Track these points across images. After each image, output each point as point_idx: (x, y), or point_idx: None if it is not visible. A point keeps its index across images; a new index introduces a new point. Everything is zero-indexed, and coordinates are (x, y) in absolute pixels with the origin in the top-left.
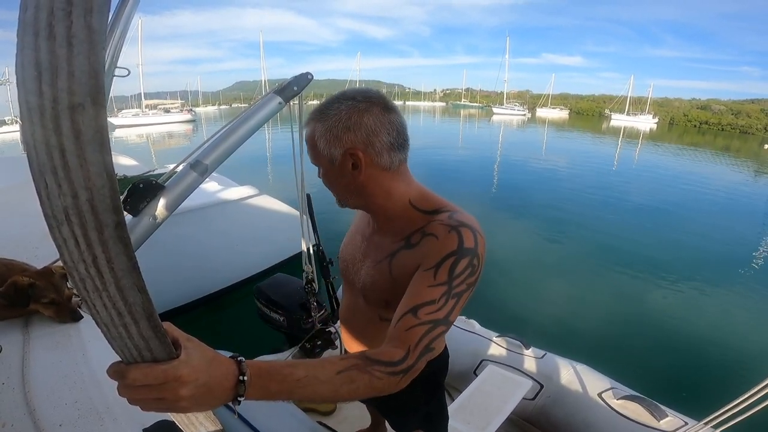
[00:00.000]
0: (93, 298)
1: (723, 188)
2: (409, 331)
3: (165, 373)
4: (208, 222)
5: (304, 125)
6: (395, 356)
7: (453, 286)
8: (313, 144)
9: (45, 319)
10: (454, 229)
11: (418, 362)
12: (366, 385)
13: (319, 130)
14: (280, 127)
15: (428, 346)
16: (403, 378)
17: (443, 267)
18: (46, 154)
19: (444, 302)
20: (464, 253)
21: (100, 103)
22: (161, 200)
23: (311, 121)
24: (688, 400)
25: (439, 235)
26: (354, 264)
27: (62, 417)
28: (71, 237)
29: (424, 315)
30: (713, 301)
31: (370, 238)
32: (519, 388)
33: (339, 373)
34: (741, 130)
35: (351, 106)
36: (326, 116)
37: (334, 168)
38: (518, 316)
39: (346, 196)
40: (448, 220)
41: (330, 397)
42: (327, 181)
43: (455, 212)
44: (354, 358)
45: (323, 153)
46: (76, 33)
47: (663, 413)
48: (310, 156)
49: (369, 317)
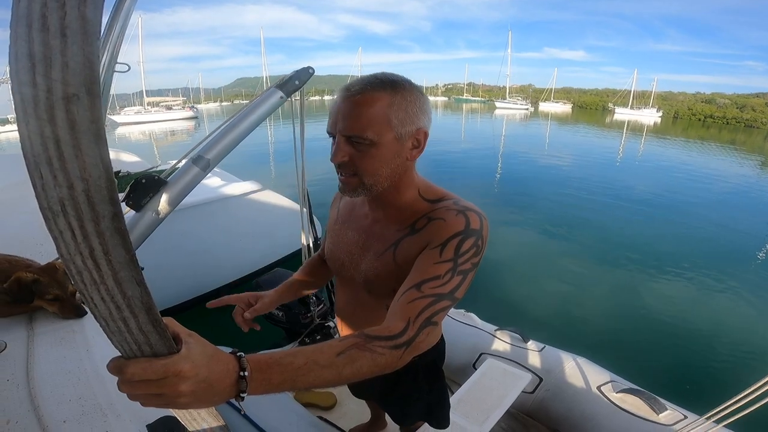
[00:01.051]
0: (90, 291)
1: (728, 181)
2: (411, 304)
3: (165, 368)
4: (210, 217)
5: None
6: (395, 329)
7: (458, 263)
8: (378, 113)
9: (49, 315)
10: (461, 212)
11: (419, 334)
12: (369, 363)
13: (398, 101)
14: (282, 123)
15: (430, 318)
16: (406, 351)
17: (449, 245)
18: (41, 145)
19: (449, 278)
20: (470, 233)
21: (95, 94)
22: (164, 195)
23: (375, 89)
24: (689, 394)
25: (446, 218)
26: (351, 260)
27: (66, 413)
28: (67, 229)
29: (428, 289)
30: (716, 294)
31: (370, 229)
32: (518, 382)
33: (339, 354)
34: (746, 124)
35: (416, 88)
36: (402, 89)
37: (395, 145)
38: (518, 309)
39: (383, 179)
40: (454, 206)
41: (334, 380)
42: (374, 158)
43: (459, 199)
44: (353, 337)
45: (393, 125)
46: (70, 23)
47: (662, 407)
48: (359, 124)
49: (374, 309)
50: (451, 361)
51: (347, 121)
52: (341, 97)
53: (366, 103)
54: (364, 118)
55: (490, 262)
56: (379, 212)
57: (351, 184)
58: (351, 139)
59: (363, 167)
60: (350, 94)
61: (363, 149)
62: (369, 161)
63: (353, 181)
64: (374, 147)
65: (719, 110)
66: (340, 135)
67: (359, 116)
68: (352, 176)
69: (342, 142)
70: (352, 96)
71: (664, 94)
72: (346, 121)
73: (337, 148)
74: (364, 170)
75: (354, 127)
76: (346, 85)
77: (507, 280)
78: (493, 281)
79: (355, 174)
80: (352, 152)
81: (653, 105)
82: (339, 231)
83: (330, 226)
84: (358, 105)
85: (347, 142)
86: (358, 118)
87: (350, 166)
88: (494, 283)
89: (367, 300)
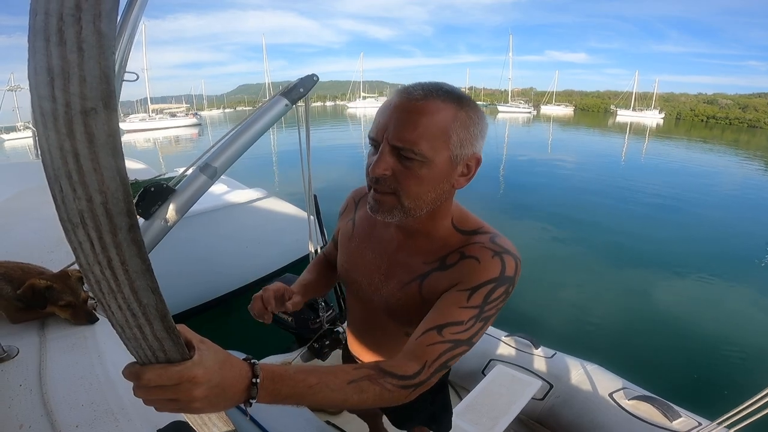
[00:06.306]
0: (108, 299)
1: (736, 182)
2: (430, 347)
3: (179, 374)
4: (217, 225)
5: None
6: (409, 370)
7: (484, 310)
8: (439, 126)
9: (61, 322)
10: (498, 255)
11: (431, 378)
12: (375, 396)
13: (462, 117)
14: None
15: (445, 363)
16: (414, 391)
17: (480, 292)
18: (61, 159)
19: (471, 325)
20: (503, 282)
21: (112, 108)
22: (172, 203)
23: (441, 98)
24: (703, 400)
25: (481, 258)
26: (371, 283)
27: (78, 418)
28: (86, 240)
29: (449, 334)
30: (728, 298)
31: (394, 256)
32: (528, 388)
33: (351, 382)
34: (749, 124)
35: (481, 109)
36: (468, 106)
37: (448, 167)
38: (527, 315)
39: (425, 204)
40: (490, 245)
41: (339, 404)
42: (422, 178)
43: (496, 235)
44: (367, 368)
45: (452, 144)
46: (86, 38)
47: (676, 414)
48: (415, 134)
49: (393, 333)
50: (460, 367)
51: (400, 129)
52: (398, 99)
53: (428, 111)
54: (421, 129)
55: None
56: (406, 238)
57: (387, 204)
58: (400, 150)
59: (406, 187)
60: (411, 98)
61: (411, 165)
62: (415, 181)
63: (390, 201)
64: (425, 166)
65: (722, 111)
66: (386, 143)
67: (416, 125)
68: (389, 194)
69: (387, 152)
70: (414, 101)
71: (666, 95)
72: (399, 129)
73: (379, 158)
74: (407, 191)
75: (407, 138)
76: (405, 87)
77: (517, 285)
78: None
79: (394, 193)
80: (396, 166)
81: (655, 106)
82: (356, 250)
83: (343, 241)
84: (418, 112)
85: (393, 154)
86: (415, 127)
87: (390, 183)
88: None
89: (386, 323)
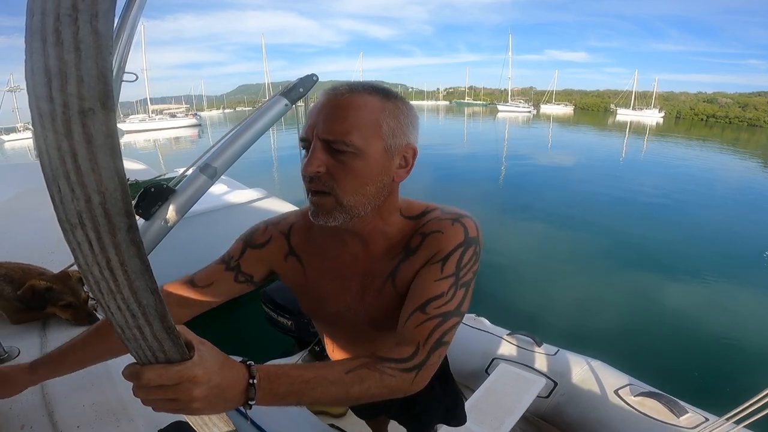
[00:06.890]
0: (107, 300)
1: (739, 179)
2: (419, 328)
3: (179, 374)
4: (217, 225)
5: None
6: (404, 353)
7: (460, 276)
8: (368, 117)
9: (62, 322)
10: (456, 220)
11: (430, 357)
12: (378, 383)
13: (390, 108)
14: (284, 129)
15: (440, 339)
16: (419, 374)
17: (451, 259)
18: (59, 159)
19: (453, 293)
20: (470, 243)
21: (109, 108)
22: (172, 204)
23: (367, 92)
24: (708, 396)
25: (443, 229)
26: (349, 308)
27: (80, 418)
28: (85, 240)
29: (434, 309)
30: (733, 293)
31: (359, 269)
32: (532, 387)
33: (348, 372)
34: (749, 123)
35: (408, 102)
36: (395, 98)
37: (384, 158)
38: (529, 312)
39: (366, 199)
40: (445, 215)
41: (341, 397)
42: (358, 172)
43: (444, 207)
44: (363, 357)
45: (384, 134)
46: (83, 38)
47: (683, 410)
48: (344, 126)
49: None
50: (464, 367)
51: (329, 123)
52: (326, 98)
53: (355, 103)
54: (351, 120)
55: (499, 265)
56: (364, 248)
57: (326, 206)
58: (331, 145)
59: (342, 183)
60: (338, 95)
61: (344, 159)
62: (351, 175)
63: (329, 203)
64: (359, 158)
65: (721, 110)
66: (317, 139)
67: (345, 117)
68: (327, 195)
69: (319, 149)
70: (341, 95)
71: (666, 94)
72: (328, 123)
73: (311, 155)
74: (344, 187)
75: (337, 130)
76: (332, 87)
77: (517, 283)
78: (503, 284)
79: (331, 193)
80: (330, 162)
81: (655, 105)
82: (315, 287)
83: (297, 283)
84: (345, 106)
85: (325, 149)
86: (343, 119)
87: (325, 182)
88: (504, 286)
89: (374, 336)
